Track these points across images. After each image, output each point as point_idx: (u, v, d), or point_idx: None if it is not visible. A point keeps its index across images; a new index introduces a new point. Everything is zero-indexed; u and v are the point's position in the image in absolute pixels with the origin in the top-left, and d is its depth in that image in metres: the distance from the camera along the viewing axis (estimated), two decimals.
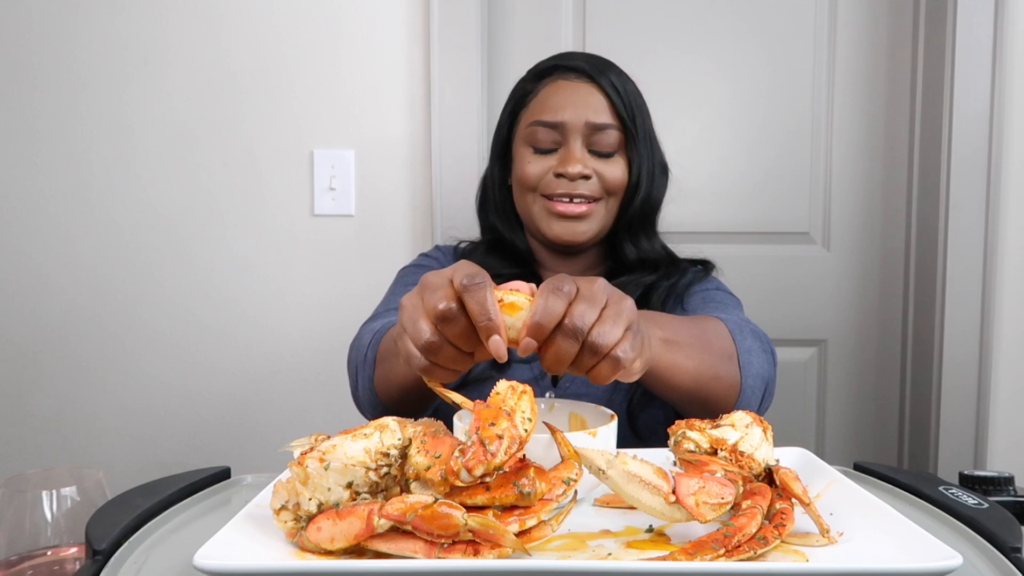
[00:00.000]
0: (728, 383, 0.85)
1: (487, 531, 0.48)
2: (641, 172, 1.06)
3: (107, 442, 1.63)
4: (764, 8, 1.63)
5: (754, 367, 0.88)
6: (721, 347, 0.86)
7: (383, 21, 1.55)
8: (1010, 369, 1.56)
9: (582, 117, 1.04)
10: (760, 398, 0.89)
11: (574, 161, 1.04)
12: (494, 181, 1.15)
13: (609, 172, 1.06)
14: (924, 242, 1.60)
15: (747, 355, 0.88)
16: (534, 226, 1.10)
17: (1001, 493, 0.75)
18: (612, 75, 1.07)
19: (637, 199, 1.07)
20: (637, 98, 1.08)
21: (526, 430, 0.53)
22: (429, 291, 0.63)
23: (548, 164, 1.06)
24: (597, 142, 1.05)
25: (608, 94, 1.05)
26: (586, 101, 1.05)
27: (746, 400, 0.87)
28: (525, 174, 1.07)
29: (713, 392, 0.84)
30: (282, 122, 1.58)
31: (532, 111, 1.08)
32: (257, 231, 1.59)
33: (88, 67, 1.57)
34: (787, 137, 1.65)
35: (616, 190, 1.06)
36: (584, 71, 1.07)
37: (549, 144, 1.06)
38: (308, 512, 0.53)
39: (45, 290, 1.61)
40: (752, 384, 0.87)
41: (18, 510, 0.64)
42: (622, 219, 1.09)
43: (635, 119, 1.06)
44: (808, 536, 0.54)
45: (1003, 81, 1.50)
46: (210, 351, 1.61)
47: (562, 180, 1.05)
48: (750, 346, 0.89)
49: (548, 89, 1.08)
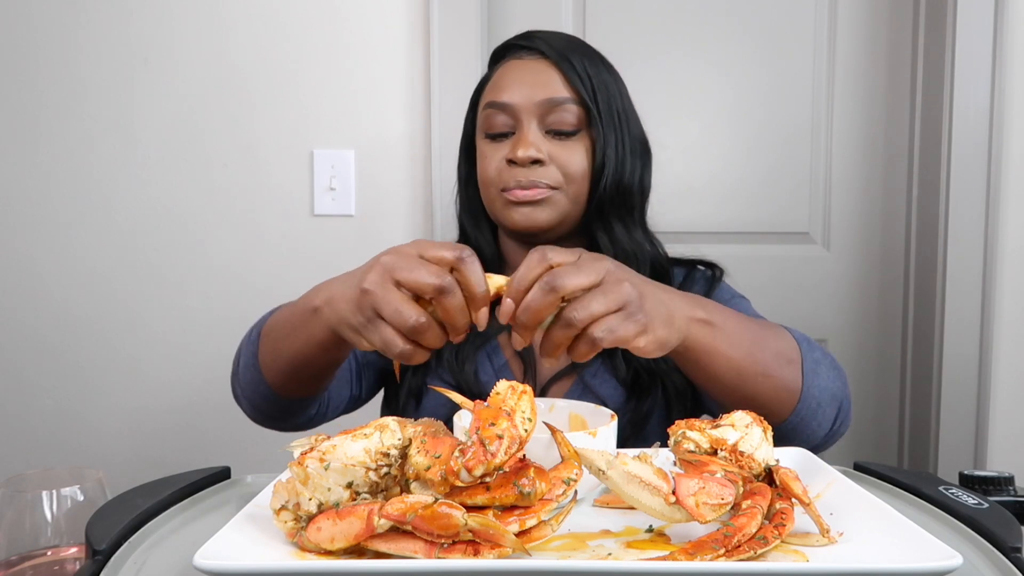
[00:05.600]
0: (782, 385, 0.79)
1: (487, 531, 0.48)
2: (607, 153, 0.97)
3: (107, 442, 1.63)
4: (764, 8, 1.63)
5: (821, 379, 0.81)
6: (779, 348, 0.80)
7: (383, 21, 1.55)
8: (1010, 369, 1.56)
9: (535, 96, 0.97)
10: (833, 419, 0.83)
11: (525, 144, 0.95)
12: (460, 177, 1.09)
13: (566, 156, 0.97)
14: (924, 242, 1.60)
15: (813, 365, 0.81)
16: (498, 220, 1.03)
17: (1001, 493, 0.75)
18: (571, 52, 0.99)
19: (604, 182, 0.97)
20: (601, 74, 1.00)
21: (526, 430, 0.53)
22: (406, 270, 0.63)
23: (502, 152, 0.98)
24: (555, 121, 0.97)
25: (563, 70, 0.97)
26: (538, 79, 0.98)
27: (810, 413, 0.81)
28: (482, 167, 1.01)
29: (762, 391, 0.78)
30: (282, 122, 1.58)
31: (486, 95, 1.02)
32: (257, 231, 1.59)
33: (89, 67, 1.58)
34: (787, 137, 1.65)
35: (576, 176, 0.97)
36: (538, 49, 0.99)
37: (502, 128, 0.99)
38: (308, 512, 0.53)
39: (45, 290, 1.61)
40: (818, 397, 0.81)
41: (18, 510, 0.64)
42: (591, 204, 0.99)
43: (596, 95, 0.98)
44: (808, 536, 0.54)
45: (1003, 81, 1.50)
46: (210, 351, 1.61)
47: (515, 168, 0.97)
48: (818, 358, 0.82)
49: (502, 70, 1.01)
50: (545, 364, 1.00)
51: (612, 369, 0.99)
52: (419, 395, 1.01)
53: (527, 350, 1.01)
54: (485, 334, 1.00)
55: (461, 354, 1.00)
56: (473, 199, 1.07)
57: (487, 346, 1.02)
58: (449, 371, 0.99)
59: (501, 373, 1.01)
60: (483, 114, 1.01)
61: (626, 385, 0.99)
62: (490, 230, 1.08)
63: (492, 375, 1.00)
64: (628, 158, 1.00)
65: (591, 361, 0.98)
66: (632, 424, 0.97)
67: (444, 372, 1.00)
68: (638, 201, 1.03)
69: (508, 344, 1.03)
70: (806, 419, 0.82)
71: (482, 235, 1.07)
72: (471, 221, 1.08)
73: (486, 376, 1.00)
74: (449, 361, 1.00)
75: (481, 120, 1.02)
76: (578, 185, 0.99)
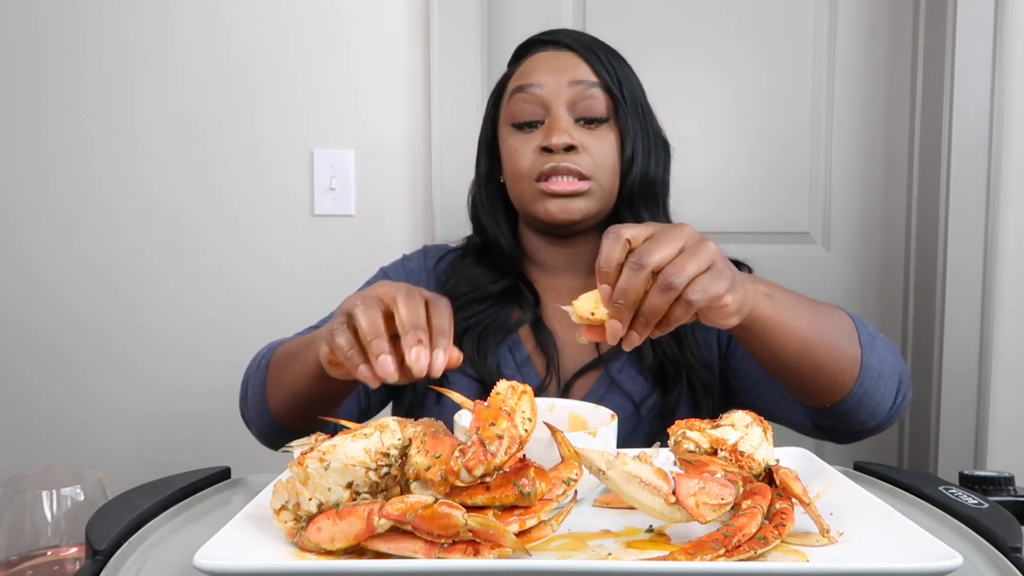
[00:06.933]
0: (844, 355, 0.80)
1: (487, 531, 0.48)
2: (636, 143, 0.99)
3: (107, 442, 1.63)
4: (764, 8, 1.63)
5: (880, 351, 0.83)
6: (837, 323, 0.81)
7: (383, 21, 1.55)
8: (1010, 369, 1.56)
9: (564, 78, 0.98)
10: (895, 391, 0.84)
11: (559, 131, 0.96)
12: (480, 175, 1.10)
13: (596, 145, 0.98)
14: (924, 242, 1.60)
15: (870, 339, 0.82)
16: (529, 214, 1.03)
17: (1001, 493, 0.75)
18: (595, 46, 1.01)
19: (634, 173, 0.99)
20: (624, 67, 1.02)
21: (526, 430, 0.53)
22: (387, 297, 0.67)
23: (533, 142, 0.99)
24: (584, 108, 0.98)
25: (589, 60, 0.99)
26: (567, 65, 0.99)
27: (873, 384, 0.82)
28: (511, 159, 1.01)
29: (825, 362, 0.79)
30: (282, 122, 1.57)
31: (513, 82, 1.03)
32: (257, 231, 1.59)
33: (89, 67, 1.57)
34: (787, 137, 1.65)
35: (607, 166, 0.99)
36: (565, 43, 1.01)
37: (531, 116, 0.99)
38: (308, 512, 0.53)
39: (46, 289, 1.61)
40: (879, 368, 0.82)
41: (18, 510, 0.64)
42: (621, 197, 1.01)
43: (622, 86, 0.99)
44: (808, 536, 0.54)
45: (1003, 81, 1.50)
46: (210, 351, 1.61)
47: (550, 155, 0.97)
48: (873, 333, 0.84)
49: (529, 60, 1.03)
50: (572, 353, 1.00)
51: (638, 361, 0.99)
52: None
53: (550, 344, 1.01)
54: (506, 327, 1.01)
55: (482, 348, 0.99)
56: (493, 196, 1.08)
57: (508, 340, 1.02)
58: (471, 365, 0.99)
59: (523, 367, 1.01)
60: (510, 103, 1.01)
61: (652, 378, 0.98)
62: (509, 226, 1.08)
63: (515, 369, 1.00)
64: (652, 151, 1.02)
65: (616, 354, 0.99)
66: (660, 417, 0.97)
67: (466, 366, 0.99)
68: (662, 194, 1.05)
69: (530, 337, 1.03)
70: (869, 391, 0.83)
71: (502, 233, 1.07)
72: (491, 219, 1.08)
73: (508, 370, 1.00)
74: (471, 355, 0.99)
75: (508, 110, 1.02)
76: (609, 177, 1.00)
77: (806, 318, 0.77)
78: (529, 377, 1.00)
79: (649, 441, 0.94)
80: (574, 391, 0.99)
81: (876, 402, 0.84)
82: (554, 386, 1.00)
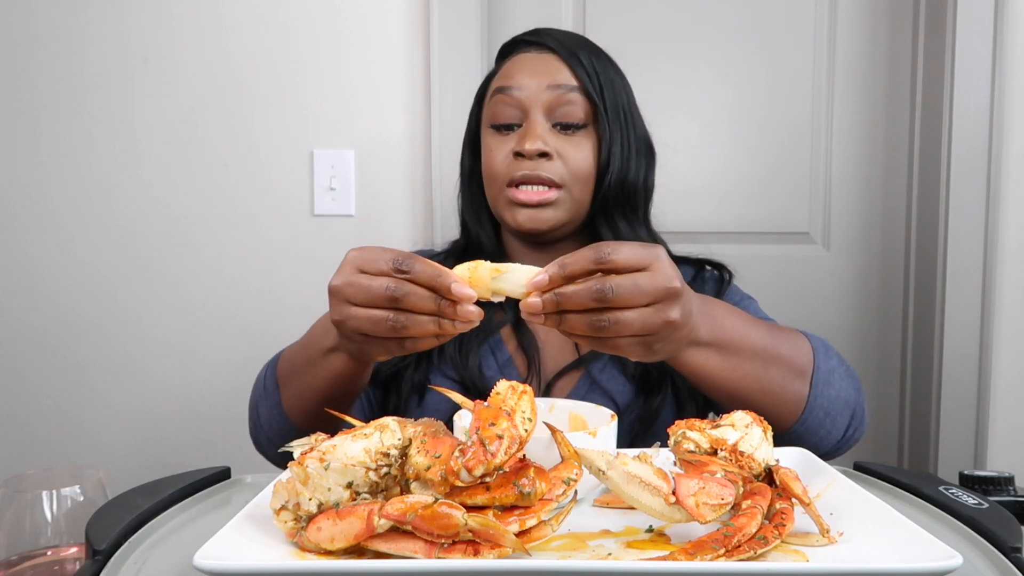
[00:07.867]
0: (782, 401, 0.81)
1: (487, 531, 0.48)
2: (612, 150, 0.98)
3: (107, 442, 1.63)
4: (764, 8, 1.63)
5: (833, 389, 0.83)
6: (791, 362, 0.81)
7: (383, 21, 1.55)
8: (1010, 369, 1.56)
9: (544, 81, 0.97)
10: (845, 426, 0.85)
11: (532, 137, 0.95)
12: (464, 172, 1.09)
13: (572, 151, 0.97)
14: (924, 242, 1.60)
15: (826, 375, 0.83)
16: (500, 217, 1.03)
17: (1001, 493, 0.75)
18: (578, 48, 1.00)
19: (609, 179, 0.98)
20: (608, 71, 1.01)
21: (526, 430, 0.53)
22: (369, 262, 0.68)
23: (509, 145, 0.99)
24: (562, 114, 0.97)
25: (570, 64, 0.98)
26: (547, 68, 0.99)
27: (817, 423, 0.83)
28: (487, 160, 1.01)
29: (759, 406, 0.77)
30: (282, 122, 1.58)
31: (494, 83, 1.03)
32: (257, 231, 1.59)
33: (89, 67, 1.57)
34: (787, 137, 1.65)
35: (581, 173, 0.98)
36: (546, 45, 1.01)
37: (509, 119, 0.99)
38: (308, 512, 0.53)
39: (46, 290, 1.61)
40: (827, 407, 0.83)
41: (18, 510, 0.64)
42: (596, 204, 1.00)
43: (603, 91, 0.98)
44: (808, 536, 0.54)
45: (1003, 81, 1.50)
46: (210, 351, 1.61)
47: (522, 161, 0.96)
48: (833, 367, 0.84)
49: (510, 61, 1.03)
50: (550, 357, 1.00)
51: (620, 364, 0.98)
52: (422, 391, 1.00)
53: (531, 344, 1.00)
54: (487, 328, 1.00)
55: (464, 348, 0.99)
56: (476, 194, 1.08)
57: (490, 340, 1.02)
58: (452, 366, 0.99)
59: (505, 368, 1.00)
60: (490, 103, 1.01)
61: (635, 381, 0.98)
62: (492, 226, 1.08)
63: (496, 370, 1.00)
64: (633, 156, 1.01)
65: (597, 355, 0.98)
66: (641, 421, 0.96)
67: (447, 367, 0.99)
68: (642, 200, 1.03)
69: (512, 338, 1.02)
70: (812, 428, 0.83)
71: (484, 231, 1.07)
72: (473, 217, 1.08)
73: (490, 371, 0.99)
74: (452, 356, 0.99)
75: (488, 111, 1.02)
76: (583, 184, 0.99)
77: (746, 369, 0.78)
78: (511, 378, 0.99)
79: (632, 441, 0.94)
80: (555, 391, 0.98)
81: (820, 437, 0.84)
82: (535, 387, 0.99)
